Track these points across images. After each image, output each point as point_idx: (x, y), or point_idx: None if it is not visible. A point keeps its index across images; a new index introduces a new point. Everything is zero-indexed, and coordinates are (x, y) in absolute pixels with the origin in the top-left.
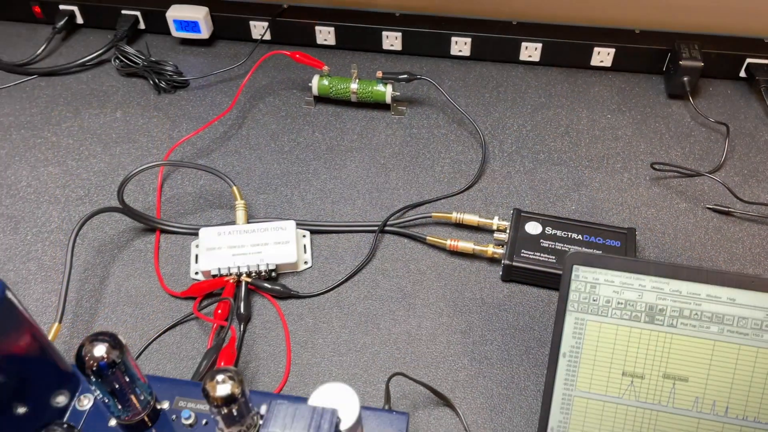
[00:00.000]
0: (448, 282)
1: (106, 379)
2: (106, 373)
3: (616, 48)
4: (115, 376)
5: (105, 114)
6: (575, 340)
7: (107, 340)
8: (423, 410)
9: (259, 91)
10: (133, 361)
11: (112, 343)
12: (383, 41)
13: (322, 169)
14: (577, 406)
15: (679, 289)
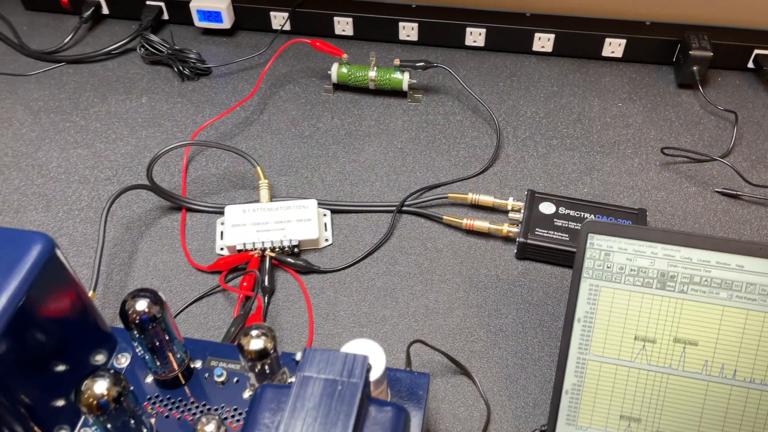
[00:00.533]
0: (464, 259)
1: (147, 333)
2: (147, 327)
3: (627, 39)
4: (155, 330)
5: (131, 99)
6: (590, 305)
7: (149, 296)
8: (441, 378)
9: (280, 79)
10: (171, 319)
11: (153, 299)
12: (400, 32)
13: (341, 153)
14: (591, 370)
15: (690, 256)
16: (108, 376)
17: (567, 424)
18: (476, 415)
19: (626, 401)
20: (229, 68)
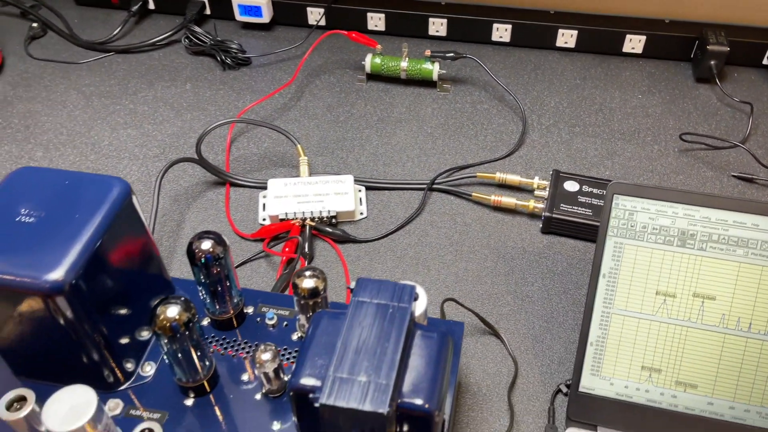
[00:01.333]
0: (492, 233)
1: (210, 271)
2: (211, 265)
3: (646, 35)
4: (217, 269)
5: (176, 86)
6: (614, 262)
7: (213, 237)
8: (470, 337)
9: (316, 69)
10: (232, 261)
11: (217, 240)
12: (429, 27)
13: (374, 137)
14: (615, 323)
15: (709, 216)
16: (180, 302)
17: (591, 374)
18: (504, 371)
19: (647, 353)
20: (268, 59)
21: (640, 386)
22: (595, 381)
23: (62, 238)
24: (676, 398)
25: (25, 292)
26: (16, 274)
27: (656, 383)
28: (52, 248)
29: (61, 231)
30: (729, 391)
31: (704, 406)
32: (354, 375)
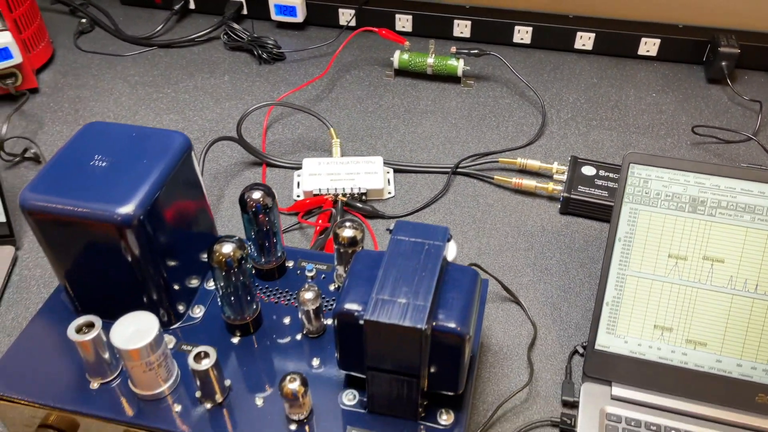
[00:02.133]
0: (513, 213)
1: (258, 219)
2: (260, 213)
3: (661, 39)
4: (265, 218)
5: (215, 77)
6: (629, 227)
7: (263, 189)
8: (492, 303)
9: (346, 65)
10: (279, 213)
11: (266, 191)
12: (454, 29)
13: (401, 126)
14: (629, 284)
15: (718, 184)
16: (234, 240)
17: (607, 332)
18: (524, 334)
19: (660, 312)
20: (301, 55)
21: (652, 344)
22: (610, 339)
23: (132, 179)
24: (687, 356)
25: (99, 224)
26: (93, 207)
27: (668, 341)
28: (123, 187)
29: (131, 173)
30: (737, 349)
31: (713, 363)
32: (394, 297)
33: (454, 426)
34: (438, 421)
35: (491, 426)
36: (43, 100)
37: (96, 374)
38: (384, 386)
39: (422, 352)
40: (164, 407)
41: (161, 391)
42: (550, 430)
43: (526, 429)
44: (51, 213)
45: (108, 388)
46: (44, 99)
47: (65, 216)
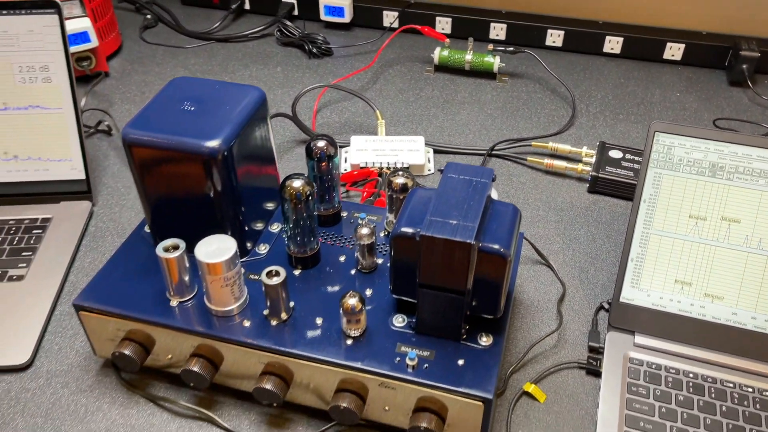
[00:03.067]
0: (544, 191)
1: (321, 167)
2: (323, 161)
3: (685, 44)
4: (329, 166)
5: (268, 68)
6: (654, 189)
7: (327, 139)
8: (524, 265)
9: (389, 61)
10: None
11: (330, 142)
12: (490, 31)
13: (440, 114)
14: (653, 242)
15: (736, 151)
16: (303, 177)
17: (631, 286)
18: (553, 291)
19: (680, 268)
20: (347, 51)
21: (673, 297)
22: (634, 292)
23: (217, 120)
24: (705, 308)
25: (189, 156)
26: (184, 141)
27: (687, 295)
28: (210, 126)
29: (216, 116)
30: (751, 302)
31: (729, 316)
32: (446, 219)
33: (493, 347)
34: (478, 342)
35: (523, 366)
36: (112, 83)
37: (176, 293)
38: (432, 306)
39: (469, 269)
40: (235, 323)
41: (232, 308)
42: (577, 371)
43: (555, 368)
44: (148, 145)
45: (185, 306)
46: (113, 82)
47: (160, 148)
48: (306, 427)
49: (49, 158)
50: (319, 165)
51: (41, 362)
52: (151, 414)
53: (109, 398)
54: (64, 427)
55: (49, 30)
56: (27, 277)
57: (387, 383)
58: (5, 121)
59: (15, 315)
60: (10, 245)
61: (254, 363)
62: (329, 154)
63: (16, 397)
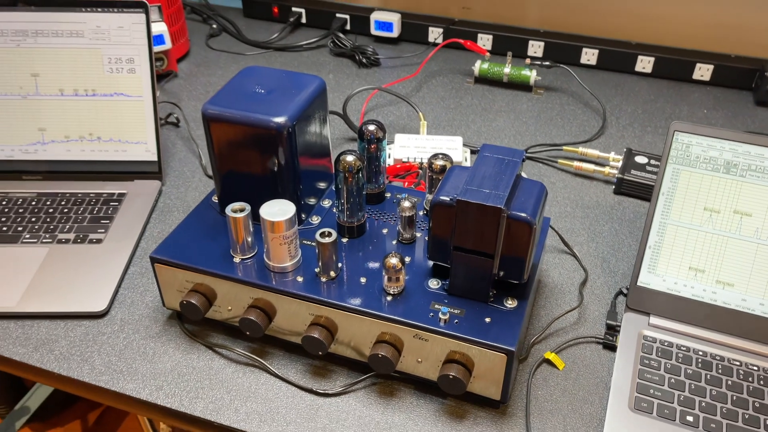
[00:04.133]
0: (572, 191)
1: (370, 147)
2: (373, 143)
3: (714, 66)
4: (376, 147)
5: (321, 75)
6: (672, 183)
7: (377, 124)
8: (550, 254)
9: (432, 73)
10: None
11: (380, 126)
12: (529, 48)
13: (478, 120)
14: (669, 231)
15: (749, 150)
16: (355, 153)
17: (648, 271)
18: (577, 277)
19: (694, 256)
20: (394, 62)
21: (687, 283)
22: (650, 277)
23: (284, 101)
24: (716, 294)
25: (259, 130)
26: (256, 116)
27: (700, 281)
28: (278, 106)
29: (283, 98)
30: (760, 290)
31: (739, 302)
32: (480, 188)
33: (517, 309)
34: (504, 304)
35: (545, 338)
36: (180, 82)
37: (239, 251)
38: (464, 268)
39: (498, 233)
40: (289, 278)
41: (288, 266)
42: (594, 345)
43: (574, 341)
44: (224, 120)
45: (246, 263)
46: (181, 82)
47: (234, 122)
48: (346, 377)
49: (127, 140)
50: (369, 146)
51: (116, 312)
52: (210, 359)
53: (174, 344)
54: (135, 365)
55: (136, 27)
56: (104, 240)
57: (420, 335)
58: (93, 105)
59: (94, 271)
60: (91, 214)
61: (304, 315)
62: (378, 137)
63: (94, 339)
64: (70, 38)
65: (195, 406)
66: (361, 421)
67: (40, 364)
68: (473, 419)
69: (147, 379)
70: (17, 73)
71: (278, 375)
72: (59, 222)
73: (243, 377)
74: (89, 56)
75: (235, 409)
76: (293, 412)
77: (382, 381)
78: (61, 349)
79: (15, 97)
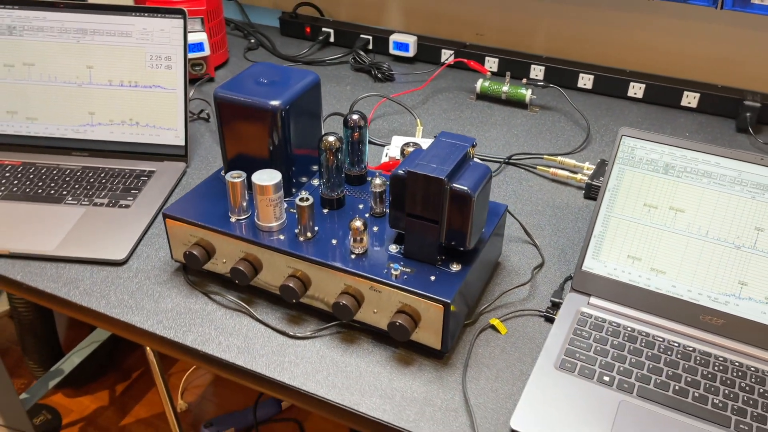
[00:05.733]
0: (546, 193)
1: (353, 135)
2: (356, 130)
3: (701, 94)
4: (358, 135)
5: (340, 86)
6: (617, 181)
7: (360, 114)
8: (515, 243)
9: (440, 89)
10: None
11: (361, 116)
12: (531, 72)
13: (473, 131)
14: (612, 223)
15: (685, 154)
16: (335, 134)
17: (592, 258)
18: (535, 263)
19: (633, 246)
20: (407, 78)
21: (625, 269)
22: (594, 263)
23: (281, 89)
24: (650, 280)
25: (258, 111)
26: (256, 99)
27: (637, 268)
28: (275, 92)
29: (281, 87)
30: (688, 278)
31: (669, 288)
32: (429, 163)
33: (460, 272)
34: (450, 268)
35: (495, 309)
36: (215, 85)
37: (235, 213)
38: (415, 233)
39: (443, 201)
40: (275, 237)
41: (273, 225)
42: (537, 318)
43: (519, 312)
44: (230, 102)
45: (241, 222)
46: (216, 85)
47: (238, 104)
48: (317, 325)
49: (160, 126)
50: (353, 133)
51: (133, 262)
52: (205, 303)
53: (177, 290)
54: (142, 303)
55: (175, 30)
56: (132, 206)
57: (375, 287)
58: (134, 95)
59: (119, 229)
60: (123, 185)
61: (284, 268)
62: (360, 125)
63: (112, 281)
64: (120, 37)
65: (186, 338)
66: (322, 360)
67: (67, 297)
68: (418, 366)
69: (150, 315)
70: (76, 65)
71: (258, 319)
72: (97, 190)
73: (229, 319)
74: (135, 53)
75: (218, 343)
76: (266, 348)
77: (345, 330)
78: (85, 287)
79: (72, 85)
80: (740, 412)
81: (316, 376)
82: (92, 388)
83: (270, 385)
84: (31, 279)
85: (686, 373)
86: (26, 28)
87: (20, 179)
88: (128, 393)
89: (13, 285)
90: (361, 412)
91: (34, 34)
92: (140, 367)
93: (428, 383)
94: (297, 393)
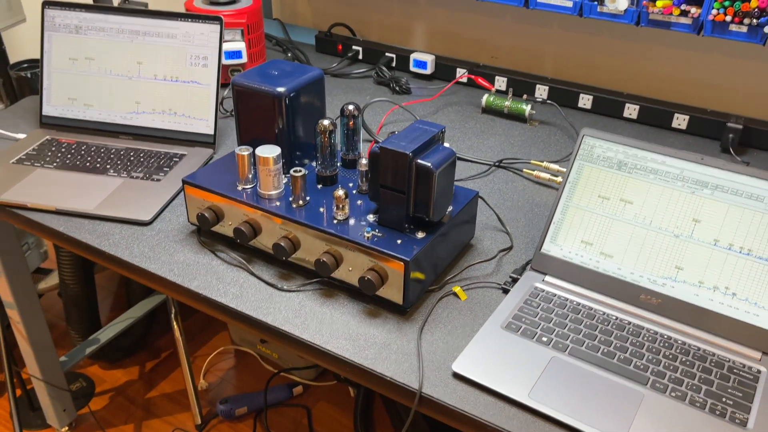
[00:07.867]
0: (529, 193)
1: (348, 123)
2: (349, 118)
3: (690, 116)
4: (355, 123)
5: (362, 96)
6: (577, 175)
7: (354, 105)
8: (490, 231)
9: (449, 102)
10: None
11: (356, 106)
12: (536, 91)
13: (473, 138)
14: (570, 212)
15: (636, 153)
16: (329, 119)
17: (551, 242)
18: (504, 246)
19: (587, 232)
20: (422, 92)
21: (578, 252)
22: (551, 246)
23: (288, 80)
24: (599, 263)
25: (266, 96)
26: (265, 86)
27: (588, 252)
28: (282, 82)
29: (288, 78)
30: (632, 262)
31: (615, 270)
32: (400, 142)
33: (424, 239)
34: (415, 235)
35: (460, 280)
36: None
37: (242, 182)
38: (386, 202)
39: (409, 175)
40: (273, 203)
41: (273, 194)
42: (496, 290)
43: (481, 283)
44: (245, 88)
45: (246, 190)
46: None
47: (250, 90)
48: (303, 280)
49: (194, 117)
50: (348, 122)
51: (157, 223)
52: (211, 259)
53: (189, 248)
54: (159, 256)
55: (212, 35)
56: (162, 180)
57: (350, 246)
58: (175, 88)
59: (149, 197)
60: (158, 164)
61: (278, 231)
62: (354, 115)
63: (137, 237)
64: (167, 39)
65: (191, 284)
66: (302, 309)
67: (99, 246)
68: (383, 318)
69: (165, 264)
70: (128, 61)
71: (254, 273)
72: (135, 166)
73: (230, 273)
74: (178, 53)
75: (217, 290)
76: (257, 297)
77: (325, 288)
78: (114, 240)
79: (123, 78)
80: (659, 374)
81: (294, 320)
82: (125, 363)
83: (255, 325)
84: (72, 231)
85: (617, 340)
86: (90, 28)
87: (73, 154)
88: (156, 370)
89: (57, 235)
90: (327, 349)
91: (96, 34)
92: (170, 348)
93: (389, 332)
94: (276, 331)
